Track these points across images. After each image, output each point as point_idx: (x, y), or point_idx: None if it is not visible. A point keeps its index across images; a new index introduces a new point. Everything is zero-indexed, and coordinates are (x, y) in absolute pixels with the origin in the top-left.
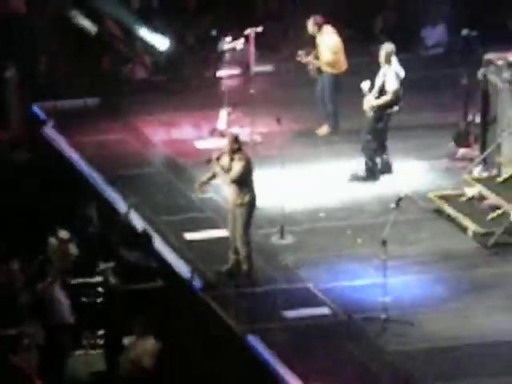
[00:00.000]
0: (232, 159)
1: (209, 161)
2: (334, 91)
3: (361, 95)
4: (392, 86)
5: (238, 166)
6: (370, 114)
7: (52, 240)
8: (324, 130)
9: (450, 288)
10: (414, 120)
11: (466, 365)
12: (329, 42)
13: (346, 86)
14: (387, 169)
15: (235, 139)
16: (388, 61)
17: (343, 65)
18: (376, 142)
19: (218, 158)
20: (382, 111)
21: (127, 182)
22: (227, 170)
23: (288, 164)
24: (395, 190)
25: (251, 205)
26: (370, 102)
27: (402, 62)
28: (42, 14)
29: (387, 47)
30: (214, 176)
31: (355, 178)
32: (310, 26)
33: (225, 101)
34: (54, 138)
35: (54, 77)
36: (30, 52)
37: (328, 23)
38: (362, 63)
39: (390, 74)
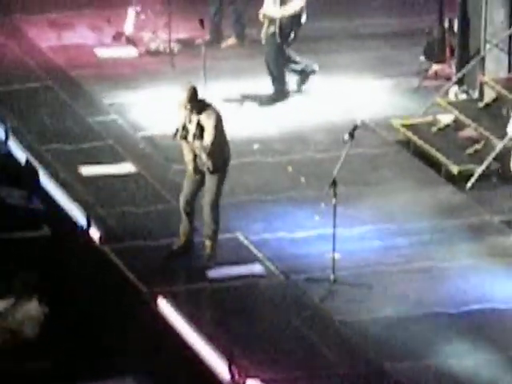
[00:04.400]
0: (197, 121)
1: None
2: None
3: None
4: None
5: (211, 125)
6: (271, 28)
7: None
8: (231, 40)
9: (415, 241)
10: (373, 27)
11: (431, 340)
12: None
13: None
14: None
15: (194, 92)
16: None
17: None
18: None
19: (183, 127)
20: (289, 22)
21: (6, 100)
22: (197, 137)
23: (213, 80)
24: (349, 117)
25: (225, 169)
26: (272, 12)
27: None
28: None
29: None
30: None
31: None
32: None
33: None
34: None
35: None
36: None
37: None
38: None
39: None
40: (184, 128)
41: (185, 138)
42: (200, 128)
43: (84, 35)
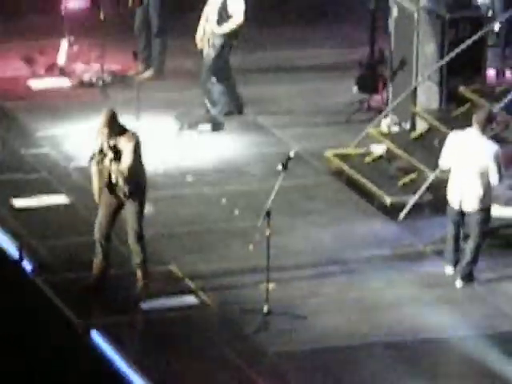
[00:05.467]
0: (115, 146)
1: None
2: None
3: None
4: (239, 5)
5: (129, 150)
6: (208, 48)
7: None
8: (148, 72)
9: (349, 272)
10: (308, 58)
11: (365, 370)
12: None
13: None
14: (238, 108)
15: (112, 117)
16: None
17: None
18: (222, 82)
19: (100, 151)
20: (224, 43)
21: None
22: (114, 161)
23: (146, 111)
24: (283, 147)
25: (143, 192)
26: (213, 30)
27: None
28: None
29: None
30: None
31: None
32: None
33: (66, 27)
34: None
35: None
36: None
37: None
38: None
39: None
40: (101, 152)
41: (101, 161)
42: (118, 152)
43: (17, 66)
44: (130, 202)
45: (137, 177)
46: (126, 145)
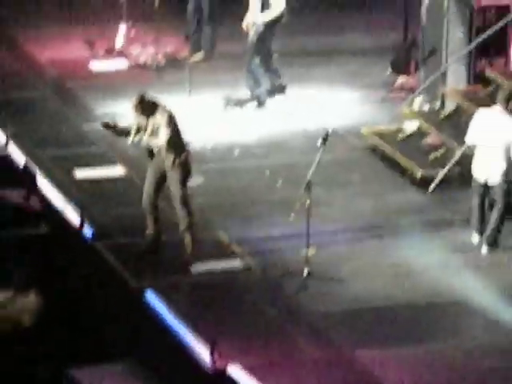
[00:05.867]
0: (152, 124)
1: (106, 126)
2: (213, 7)
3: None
4: None
5: (164, 128)
6: (253, 33)
7: None
8: (199, 55)
9: (384, 240)
10: (344, 43)
11: (397, 328)
12: None
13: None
14: (280, 88)
15: (142, 100)
16: None
17: None
18: (262, 65)
19: (137, 130)
20: (266, 29)
21: (6, 107)
22: (151, 134)
23: (197, 91)
24: (322, 124)
25: (186, 164)
26: (256, 18)
27: None
28: None
29: None
30: (121, 133)
31: (238, 103)
32: None
33: (124, 13)
34: None
35: None
36: None
37: None
38: None
39: None
40: (139, 130)
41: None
42: (155, 128)
43: (79, 49)
44: (173, 171)
45: (176, 147)
46: (160, 120)
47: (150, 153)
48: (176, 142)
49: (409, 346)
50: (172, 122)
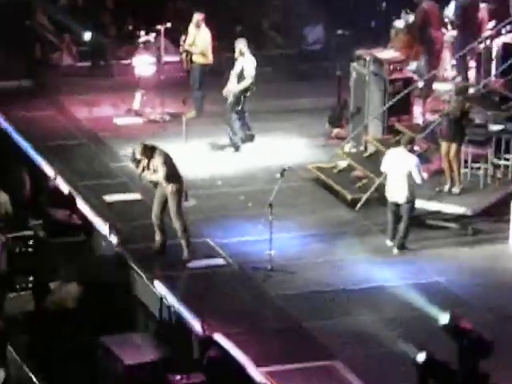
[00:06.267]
0: (150, 164)
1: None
2: (202, 79)
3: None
4: (250, 72)
5: (161, 164)
6: (231, 97)
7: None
8: (191, 113)
9: (324, 243)
10: (296, 104)
11: (336, 306)
12: (204, 34)
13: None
14: (250, 139)
15: (144, 148)
16: (241, 53)
17: (211, 57)
18: (238, 120)
19: (143, 170)
20: (241, 94)
21: (55, 151)
22: (152, 171)
23: (191, 138)
24: (280, 162)
25: (180, 190)
26: (234, 87)
27: (287, 57)
28: None
29: (240, 43)
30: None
31: (220, 147)
32: (195, 19)
33: (139, 85)
34: None
35: None
36: None
37: (206, 20)
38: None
39: (246, 63)
40: (143, 170)
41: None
42: (155, 166)
43: (106, 110)
44: (171, 197)
45: (174, 179)
46: (157, 162)
47: (156, 183)
48: (173, 175)
49: (344, 319)
50: (167, 161)
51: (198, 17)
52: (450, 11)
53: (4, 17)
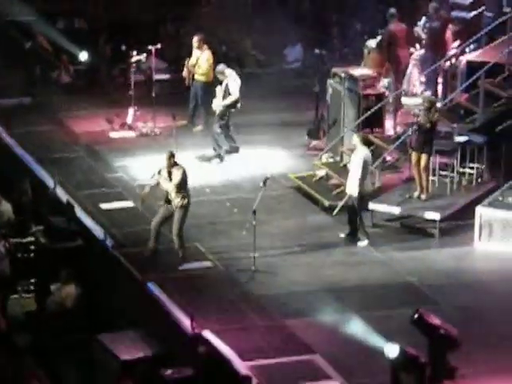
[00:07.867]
0: (170, 172)
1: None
2: (207, 96)
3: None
4: (233, 89)
5: (178, 175)
6: (218, 112)
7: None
8: (199, 128)
9: (304, 246)
10: (277, 118)
11: (315, 305)
12: (207, 56)
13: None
14: (235, 150)
15: (171, 155)
16: (223, 75)
17: (212, 76)
18: (222, 134)
19: (159, 172)
20: (226, 110)
21: (54, 163)
22: (168, 179)
23: (181, 150)
24: (263, 172)
25: (186, 207)
26: (219, 103)
27: (269, 75)
28: None
29: (220, 68)
30: (156, 185)
31: (207, 159)
32: (195, 42)
33: (132, 101)
34: None
35: None
36: None
37: (206, 42)
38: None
39: (230, 82)
40: (159, 173)
41: (159, 179)
42: (170, 176)
43: (102, 124)
44: (177, 211)
45: (185, 193)
46: (176, 172)
47: (167, 200)
48: (183, 189)
49: (322, 317)
50: (184, 175)
51: (197, 39)
52: (419, 28)
53: (6, 38)
